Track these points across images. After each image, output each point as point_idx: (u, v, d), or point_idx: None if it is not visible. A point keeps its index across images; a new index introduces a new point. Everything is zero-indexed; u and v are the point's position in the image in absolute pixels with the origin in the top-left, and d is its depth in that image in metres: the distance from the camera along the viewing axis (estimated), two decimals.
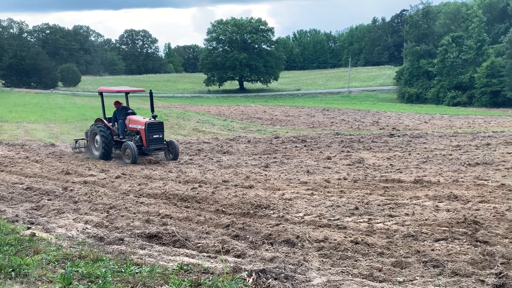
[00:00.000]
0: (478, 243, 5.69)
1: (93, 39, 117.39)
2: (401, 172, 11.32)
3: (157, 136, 14.18)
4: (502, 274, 4.55)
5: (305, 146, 17.12)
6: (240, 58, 75.08)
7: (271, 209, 7.73)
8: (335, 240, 5.94)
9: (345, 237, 6.10)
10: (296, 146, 17.10)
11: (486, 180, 9.93)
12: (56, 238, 6.31)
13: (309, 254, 5.53)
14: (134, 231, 6.63)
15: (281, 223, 6.88)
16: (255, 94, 72.34)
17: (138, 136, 14.22)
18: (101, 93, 15.37)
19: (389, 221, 6.87)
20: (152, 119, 14.28)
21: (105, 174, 11.69)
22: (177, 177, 11.12)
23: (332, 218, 7.14)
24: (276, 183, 10.21)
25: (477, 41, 55.51)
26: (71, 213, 7.86)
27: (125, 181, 10.74)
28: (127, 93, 15.96)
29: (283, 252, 5.60)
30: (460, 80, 55.16)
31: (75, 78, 79.30)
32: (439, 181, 9.87)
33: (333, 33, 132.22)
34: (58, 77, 77.67)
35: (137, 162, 13.60)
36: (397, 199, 8.30)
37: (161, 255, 5.61)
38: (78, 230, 6.77)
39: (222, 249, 5.71)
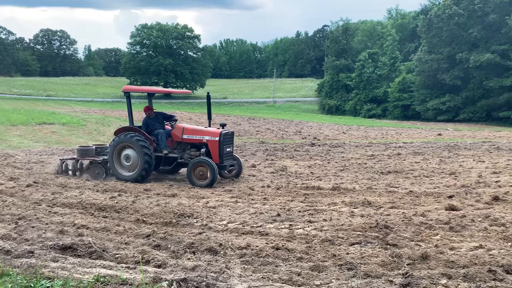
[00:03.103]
0: (388, 246, 6.10)
1: (3, 36, 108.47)
2: (321, 180, 11.80)
3: (229, 149, 11.75)
4: (408, 274, 4.92)
5: None
6: (165, 63, 73.90)
7: (195, 218, 7.66)
8: (257, 246, 6.03)
9: (266, 243, 6.22)
10: None
11: (396, 187, 10.68)
12: None
13: (231, 261, 5.56)
14: (46, 243, 6.21)
15: (204, 232, 6.85)
16: (181, 101, 71.46)
17: (202, 149, 11.51)
18: (127, 94, 12.01)
19: (308, 226, 7.13)
20: (221, 128, 11.71)
21: (14, 182, 10.81)
22: (94, 186, 10.60)
23: (255, 225, 7.24)
24: (200, 191, 10.14)
25: (391, 58, 59.98)
26: None
27: (37, 190, 10.02)
28: (151, 94, 12.79)
29: (205, 261, 5.58)
30: (375, 94, 59.12)
31: None
32: (354, 188, 10.44)
33: (259, 44, 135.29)
34: None
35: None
36: (316, 206, 8.63)
37: (76, 268, 5.31)
38: None
39: (142, 259, 5.55)
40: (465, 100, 49.67)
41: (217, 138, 11.36)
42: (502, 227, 6.91)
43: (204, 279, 4.84)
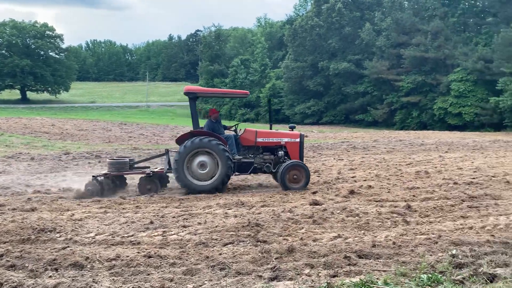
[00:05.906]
0: (259, 243, 6.37)
1: None
2: None
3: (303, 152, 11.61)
4: (275, 268, 5.21)
5: (99, 162, 16.23)
6: (22, 64, 66.65)
7: (57, 232, 7.04)
8: (128, 256, 5.79)
9: (138, 252, 6.01)
10: (89, 162, 16.06)
11: (267, 186, 11.25)
12: None
13: (99, 274, 5.25)
14: None
15: (68, 246, 6.33)
16: (42, 106, 65.18)
17: (280, 152, 11.08)
18: (193, 95, 10.96)
19: (182, 231, 7.08)
20: (292, 131, 11.64)
21: None
22: None
23: (126, 235, 6.94)
24: (64, 204, 9.35)
25: (261, 65, 62.97)
26: None
27: None
28: (195, 98, 11.31)
29: (69, 277, 5.16)
30: (248, 99, 61.38)
31: None
32: (229, 190, 10.69)
33: (129, 46, 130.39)
34: None
35: None
36: (191, 210, 8.62)
37: None
38: None
39: None
40: (327, 105, 54.66)
41: (298, 140, 11.28)
42: (356, 217, 7.75)
43: None
